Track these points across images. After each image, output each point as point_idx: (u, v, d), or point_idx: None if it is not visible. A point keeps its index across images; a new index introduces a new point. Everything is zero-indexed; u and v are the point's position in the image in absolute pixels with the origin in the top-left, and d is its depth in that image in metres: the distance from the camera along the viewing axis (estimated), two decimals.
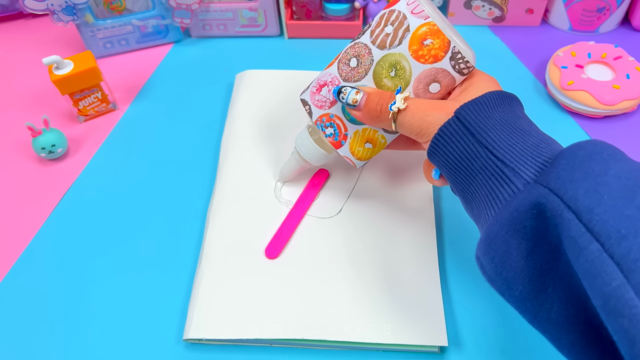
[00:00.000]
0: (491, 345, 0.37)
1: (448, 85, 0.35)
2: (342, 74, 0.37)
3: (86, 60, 0.51)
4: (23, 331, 0.39)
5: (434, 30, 0.34)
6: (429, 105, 0.33)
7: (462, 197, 0.33)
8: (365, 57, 0.36)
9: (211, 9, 0.60)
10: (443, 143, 0.31)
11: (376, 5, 0.61)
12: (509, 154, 0.29)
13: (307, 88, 0.40)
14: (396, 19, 0.35)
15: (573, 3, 0.58)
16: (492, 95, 0.32)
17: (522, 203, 0.27)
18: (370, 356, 0.37)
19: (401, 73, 0.35)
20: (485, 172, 0.30)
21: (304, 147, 0.41)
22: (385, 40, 0.35)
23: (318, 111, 0.39)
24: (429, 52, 0.34)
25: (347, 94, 0.35)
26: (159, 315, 0.39)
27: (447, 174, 0.33)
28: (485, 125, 0.30)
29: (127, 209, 0.46)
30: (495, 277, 0.29)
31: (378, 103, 0.35)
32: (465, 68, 0.35)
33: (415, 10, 0.34)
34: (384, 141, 0.39)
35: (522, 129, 0.31)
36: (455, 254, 0.42)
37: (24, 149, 0.52)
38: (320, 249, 0.41)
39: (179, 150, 0.51)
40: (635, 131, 0.50)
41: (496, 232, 0.28)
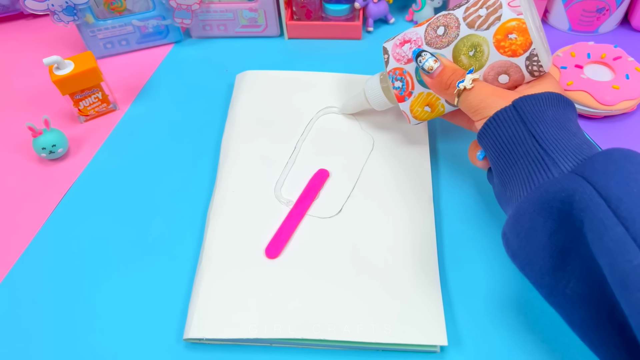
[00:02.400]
0: (491, 345, 0.37)
1: (516, 80, 0.38)
2: (427, 37, 0.40)
3: (87, 60, 0.51)
4: (23, 331, 0.39)
5: (521, 28, 0.36)
6: (492, 90, 0.36)
7: (499, 180, 0.35)
8: (452, 29, 0.38)
9: (211, 9, 0.61)
10: (495, 126, 0.34)
11: (376, 6, 0.61)
12: (552, 145, 0.32)
13: (393, 39, 0.43)
14: (492, 5, 0.37)
15: (572, 3, 0.58)
16: (551, 95, 0.34)
17: (553, 186, 0.30)
18: (370, 356, 0.37)
19: (479, 55, 0.38)
20: (527, 157, 0.33)
21: (371, 91, 0.46)
22: (475, 21, 0.37)
23: (394, 63, 0.42)
24: (510, 45, 0.36)
25: (425, 59, 0.38)
26: (159, 315, 0.39)
27: (491, 155, 0.36)
28: (537, 118, 0.33)
29: (128, 209, 0.46)
30: (518, 251, 0.32)
31: (450, 78, 0.37)
32: (537, 71, 0.37)
33: (512, 3, 0.36)
34: (442, 110, 0.42)
35: (570, 129, 0.33)
36: (455, 254, 0.42)
37: (24, 149, 0.52)
38: (320, 249, 0.41)
39: (179, 151, 0.51)
40: (635, 131, 0.50)
41: (525, 209, 0.31)
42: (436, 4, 0.62)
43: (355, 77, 0.54)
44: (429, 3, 0.62)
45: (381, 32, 0.64)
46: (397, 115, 0.50)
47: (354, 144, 0.49)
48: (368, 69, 0.58)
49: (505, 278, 0.40)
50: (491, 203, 0.45)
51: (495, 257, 0.41)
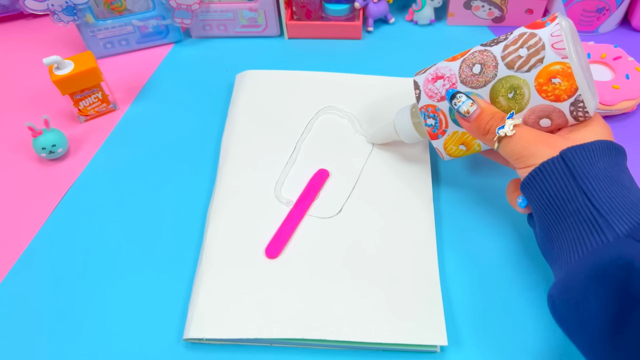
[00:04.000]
0: (491, 345, 0.37)
1: (559, 124, 0.35)
2: (461, 75, 0.37)
3: (86, 60, 0.51)
4: (23, 331, 0.39)
5: (566, 73, 0.33)
6: (535, 136, 0.33)
7: (545, 234, 0.33)
8: (490, 68, 0.36)
9: (211, 9, 0.61)
10: (542, 178, 0.32)
11: (376, 6, 0.61)
12: (606, 204, 0.30)
13: (424, 72, 0.40)
14: (534, 45, 0.34)
15: (573, 3, 0.58)
16: (601, 145, 0.32)
17: (608, 252, 0.28)
18: (370, 356, 0.37)
19: (519, 98, 0.35)
20: (578, 216, 0.30)
21: (401, 125, 0.43)
22: (515, 62, 0.35)
23: (426, 99, 0.39)
24: (553, 90, 0.34)
25: (461, 102, 0.36)
26: (159, 315, 0.39)
27: (536, 208, 0.33)
28: (588, 172, 0.31)
29: (128, 209, 0.46)
30: (567, 318, 0.29)
31: (488, 123, 0.35)
32: (583, 117, 0.34)
33: (557, 45, 0.33)
34: (479, 148, 0.39)
35: (624, 184, 0.31)
36: (455, 254, 0.42)
37: (24, 149, 0.52)
38: (320, 249, 0.41)
39: (179, 151, 0.51)
40: (635, 131, 0.50)
41: (576, 275, 0.29)
42: (436, 4, 0.62)
43: (355, 77, 0.54)
44: (429, 3, 0.62)
45: (381, 32, 0.64)
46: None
47: (354, 144, 0.49)
48: (368, 69, 0.58)
49: (505, 278, 0.40)
50: (491, 203, 0.45)
51: (495, 257, 0.41)
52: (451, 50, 0.60)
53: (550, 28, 0.34)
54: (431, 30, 0.64)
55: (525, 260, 0.41)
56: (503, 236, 0.43)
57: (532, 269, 0.40)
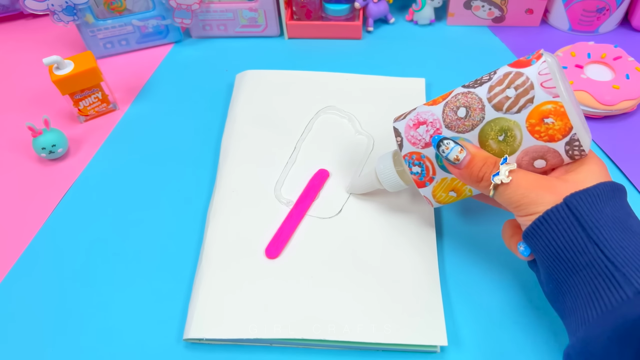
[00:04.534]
0: (491, 345, 0.37)
1: (554, 164, 0.34)
2: (445, 120, 0.35)
3: (86, 60, 0.51)
4: (23, 331, 0.39)
5: (559, 112, 0.31)
6: (534, 182, 0.32)
7: (555, 286, 0.32)
8: (476, 111, 0.34)
9: (211, 9, 0.61)
10: (547, 228, 0.30)
11: (376, 6, 0.61)
12: (620, 256, 0.28)
13: (404, 118, 0.38)
14: (522, 85, 0.32)
15: (573, 3, 0.58)
16: (605, 187, 0.30)
17: (631, 312, 0.26)
18: (370, 356, 0.37)
19: (510, 140, 0.33)
20: (592, 270, 0.29)
21: (384, 175, 0.40)
22: (503, 103, 0.33)
23: (410, 147, 0.37)
24: (546, 130, 0.32)
25: (449, 148, 0.33)
26: (159, 315, 0.39)
27: (543, 259, 0.32)
28: (597, 221, 0.29)
29: (127, 209, 0.46)
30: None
31: (481, 170, 0.33)
32: (579, 155, 0.33)
33: (546, 83, 0.31)
34: (471, 194, 0.37)
35: (634, 230, 0.30)
36: (455, 254, 0.42)
37: (24, 149, 0.52)
38: (320, 249, 0.41)
39: (179, 150, 0.51)
40: (635, 131, 0.50)
41: (597, 335, 0.27)
42: (436, 4, 0.62)
43: (355, 77, 0.54)
44: (429, 3, 0.62)
45: (381, 32, 0.64)
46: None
47: (354, 144, 0.49)
48: (368, 69, 0.58)
49: (505, 278, 0.40)
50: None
51: (495, 257, 0.41)
52: (451, 50, 0.60)
53: (537, 66, 0.32)
54: (431, 30, 0.64)
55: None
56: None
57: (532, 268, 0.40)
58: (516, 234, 0.35)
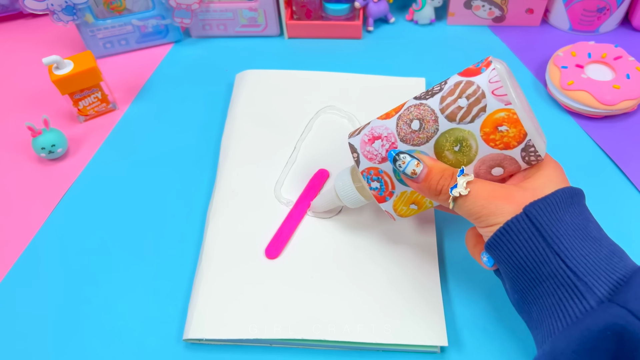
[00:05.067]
0: (491, 345, 0.37)
1: (512, 171, 0.34)
2: (400, 133, 0.35)
3: (86, 60, 0.51)
4: (23, 331, 0.39)
5: (512, 119, 0.31)
6: (492, 192, 0.31)
7: (520, 297, 0.32)
8: (430, 123, 0.34)
9: (211, 9, 0.60)
10: (508, 239, 0.30)
11: (376, 5, 0.61)
12: (582, 265, 0.28)
13: (358, 133, 0.37)
14: (473, 94, 0.32)
15: (573, 3, 0.58)
16: (564, 194, 0.30)
17: (595, 323, 0.26)
18: (370, 356, 0.37)
19: (466, 150, 0.33)
20: (555, 280, 0.29)
21: (344, 192, 0.40)
22: (456, 113, 0.33)
23: (367, 162, 0.37)
24: (501, 138, 0.32)
25: (405, 163, 0.33)
26: (159, 315, 0.39)
27: (506, 270, 0.32)
28: (557, 230, 0.29)
29: (127, 209, 0.46)
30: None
31: (439, 183, 0.33)
32: (535, 160, 0.33)
33: (497, 91, 0.31)
34: (431, 205, 0.37)
35: (594, 236, 0.30)
36: (455, 254, 0.42)
37: (24, 149, 0.52)
38: (320, 249, 0.41)
39: (179, 150, 0.51)
40: (635, 131, 0.50)
41: (563, 348, 0.27)
42: (436, 3, 0.61)
43: (355, 77, 0.54)
44: (429, 3, 0.62)
45: (381, 32, 0.64)
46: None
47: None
48: (368, 68, 0.58)
49: None
50: None
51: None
52: (452, 50, 0.60)
53: (487, 74, 0.32)
54: (431, 30, 0.64)
55: None
56: None
57: None
58: (479, 243, 0.35)
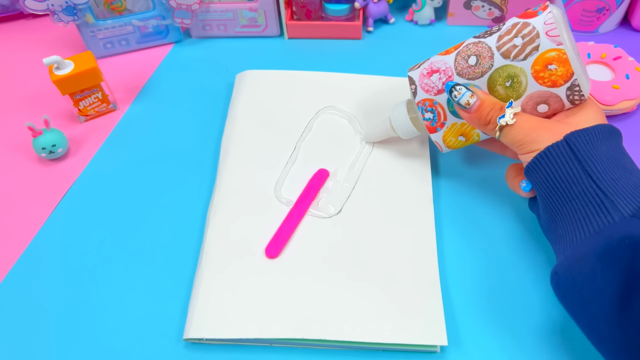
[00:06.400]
0: (491, 345, 0.37)
1: (556, 109, 0.36)
2: (457, 67, 0.38)
3: (86, 60, 0.51)
4: (23, 331, 0.39)
5: (562, 59, 0.34)
6: (536, 123, 0.34)
7: (549, 215, 0.34)
8: (486, 59, 0.36)
9: (211, 9, 0.61)
10: (547, 162, 0.33)
11: (376, 6, 0.61)
12: (610, 186, 0.31)
13: (418, 67, 0.40)
14: (528, 34, 0.35)
15: (573, 3, 0.58)
16: (602, 129, 0.33)
17: (616, 232, 0.29)
18: (370, 356, 0.37)
19: (516, 86, 0.36)
20: (584, 198, 0.31)
21: (398, 122, 0.43)
22: (510, 51, 0.35)
23: (423, 94, 0.39)
24: (550, 76, 0.34)
25: (461, 94, 0.36)
26: (159, 315, 0.39)
27: (541, 191, 0.34)
28: (593, 156, 0.32)
29: (128, 209, 0.46)
30: (572, 295, 0.30)
31: (489, 114, 0.36)
32: (579, 100, 0.35)
33: (551, 32, 0.34)
34: (478, 138, 0.40)
35: (626, 166, 0.32)
36: (455, 254, 0.42)
37: (24, 149, 0.52)
38: (321, 249, 0.41)
39: (179, 150, 0.51)
40: (635, 131, 0.50)
41: (584, 253, 0.30)
42: (436, 4, 0.62)
43: (355, 77, 0.54)
44: (429, 3, 0.62)
45: (381, 32, 0.64)
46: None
47: (354, 144, 0.49)
48: (368, 68, 0.58)
49: (505, 278, 0.40)
50: (491, 202, 0.45)
51: (495, 257, 0.41)
52: None
53: (544, 16, 0.34)
54: (431, 30, 0.64)
55: (527, 260, 0.41)
56: (504, 235, 0.42)
57: (533, 269, 0.40)
58: (519, 175, 0.38)
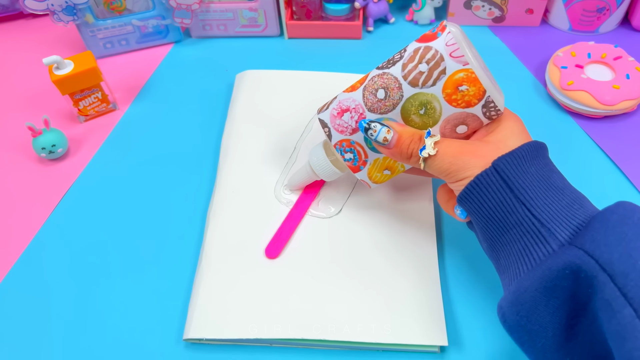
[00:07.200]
0: (491, 345, 0.37)
1: (475, 127, 0.36)
2: (367, 104, 0.36)
3: (86, 60, 0.51)
4: (23, 331, 0.39)
5: (471, 78, 0.33)
6: (458, 149, 0.33)
7: (489, 245, 0.33)
8: (394, 90, 0.35)
9: (211, 9, 0.61)
10: (478, 192, 0.32)
11: (376, 6, 0.61)
12: (545, 213, 0.30)
13: (327, 108, 0.39)
14: (432, 58, 0.34)
15: (573, 3, 0.58)
16: (528, 148, 0.32)
17: (555, 263, 0.28)
18: (370, 356, 0.37)
19: (431, 112, 0.35)
20: (521, 228, 0.31)
21: (319, 165, 0.41)
22: (418, 79, 0.34)
23: (338, 135, 0.38)
24: (462, 97, 0.34)
25: (377, 131, 0.35)
26: (159, 315, 0.39)
27: (477, 220, 0.33)
28: (523, 182, 0.31)
29: (127, 209, 0.46)
30: (517, 328, 0.30)
31: (409, 146, 0.35)
32: (495, 114, 0.35)
33: (454, 53, 0.33)
34: (403, 169, 0.39)
35: (557, 186, 0.32)
36: (455, 254, 0.42)
37: (24, 149, 0.52)
38: (320, 249, 0.41)
39: (179, 150, 0.51)
40: (635, 131, 0.50)
41: (526, 287, 0.29)
42: (436, 3, 0.62)
43: (355, 77, 0.54)
44: (429, 3, 0.62)
45: (381, 32, 0.64)
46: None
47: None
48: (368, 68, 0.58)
49: None
50: None
51: None
52: None
53: (444, 37, 0.34)
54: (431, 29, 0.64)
55: None
56: None
57: None
58: (451, 199, 0.37)
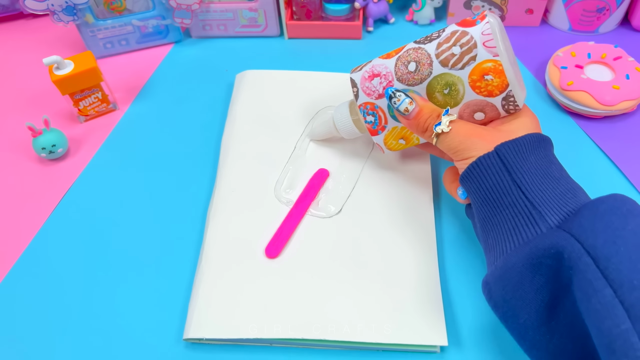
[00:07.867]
0: (491, 345, 0.37)
1: (492, 117, 0.37)
2: (397, 73, 0.38)
3: (86, 60, 0.51)
4: (23, 331, 0.39)
5: (498, 70, 0.35)
6: (470, 130, 0.35)
7: (481, 224, 0.35)
8: (425, 66, 0.37)
9: (211, 9, 0.61)
10: (478, 172, 0.34)
11: (376, 6, 0.61)
12: (538, 197, 0.32)
13: (360, 70, 0.41)
14: (466, 43, 0.35)
15: (573, 3, 0.58)
16: (531, 138, 0.34)
17: (542, 242, 0.30)
18: (370, 356, 0.37)
19: (454, 94, 0.36)
20: (514, 208, 0.32)
21: (341, 122, 0.44)
22: (449, 59, 0.36)
23: (364, 97, 0.40)
24: (486, 86, 0.35)
25: (400, 100, 0.37)
26: (159, 315, 0.39)
27: (474, 199, 0.35)
28: (521, 167, 0.33)
29: (127, 209, 0.46)
30: (502, 304, 0.31)
31: (427, 121, 0.37)
32: (514, 109, 0.36)
33: (488, 43, 0.35)
34: (417, 141, 0.41)
35: (553, 176, 0.33)
36: (455, 254, 0.42)
37: (24, 149, 0.52)
38: (320, 249, 0.41)
39: (179, 150, 0.51)
40: (635, 131, 0.50)
41: (513, 263, 0.31)
42: (436, 4, 0.62)
43: None
44: (429, 3, 0.62)
45: (381, 32, 0.64)
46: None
47: (354, 144, 0.49)
48: None
49: None
50: None
51: None
52: None
53: (481, 26, 0.35)
54: (431, 30, 0.64)
55: None
56: None
57: None
58: (455, 181, 0.39)
